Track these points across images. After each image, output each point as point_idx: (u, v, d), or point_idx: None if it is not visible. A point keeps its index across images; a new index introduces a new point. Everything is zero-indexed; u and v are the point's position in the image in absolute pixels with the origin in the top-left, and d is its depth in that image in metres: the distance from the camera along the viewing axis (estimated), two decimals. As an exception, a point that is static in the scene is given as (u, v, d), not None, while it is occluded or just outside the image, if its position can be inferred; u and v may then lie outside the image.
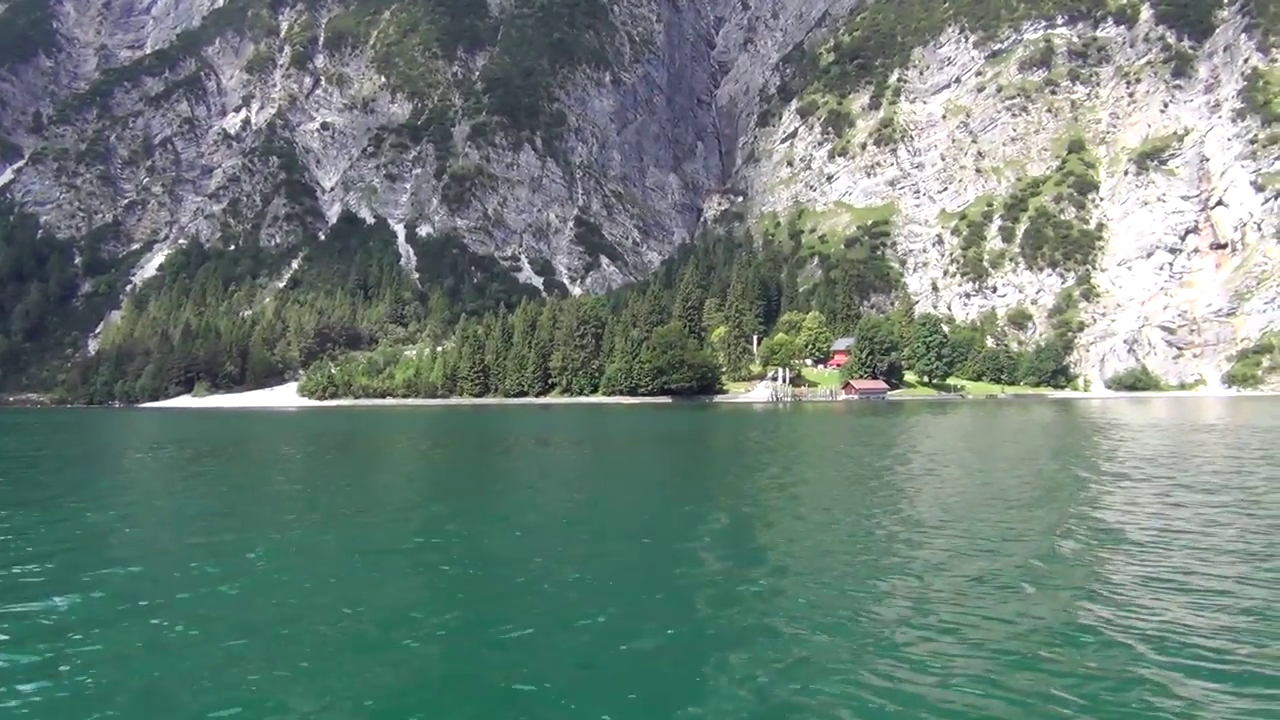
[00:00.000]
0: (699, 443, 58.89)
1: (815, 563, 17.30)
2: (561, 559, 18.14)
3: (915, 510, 23.52)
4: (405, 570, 17.30)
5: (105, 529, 22.43)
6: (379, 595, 15.12)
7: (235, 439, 67.80)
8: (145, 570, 17.05)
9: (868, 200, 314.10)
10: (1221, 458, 38.15)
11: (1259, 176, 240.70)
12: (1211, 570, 15.81)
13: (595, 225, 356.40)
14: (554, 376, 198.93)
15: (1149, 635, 12.11)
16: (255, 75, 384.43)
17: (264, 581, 16.10)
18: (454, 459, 47.69)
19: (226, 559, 17.91)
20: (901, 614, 13.26)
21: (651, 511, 25.64)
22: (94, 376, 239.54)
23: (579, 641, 12.47)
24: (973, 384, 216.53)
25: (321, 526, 22.53)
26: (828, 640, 12.09)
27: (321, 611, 13.92)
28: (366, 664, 11.58)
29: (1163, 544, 18.33)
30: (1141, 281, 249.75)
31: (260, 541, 20.11)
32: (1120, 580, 15.30)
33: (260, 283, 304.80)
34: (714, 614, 13.71)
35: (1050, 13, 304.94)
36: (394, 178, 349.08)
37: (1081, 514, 22.66)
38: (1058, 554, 17.56)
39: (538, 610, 13.88)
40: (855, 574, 15.98)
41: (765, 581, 15.57)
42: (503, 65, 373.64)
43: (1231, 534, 19.37)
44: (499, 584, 16.12)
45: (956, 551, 17.74)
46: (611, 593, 15.17)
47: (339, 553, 19.05)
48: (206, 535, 21.08)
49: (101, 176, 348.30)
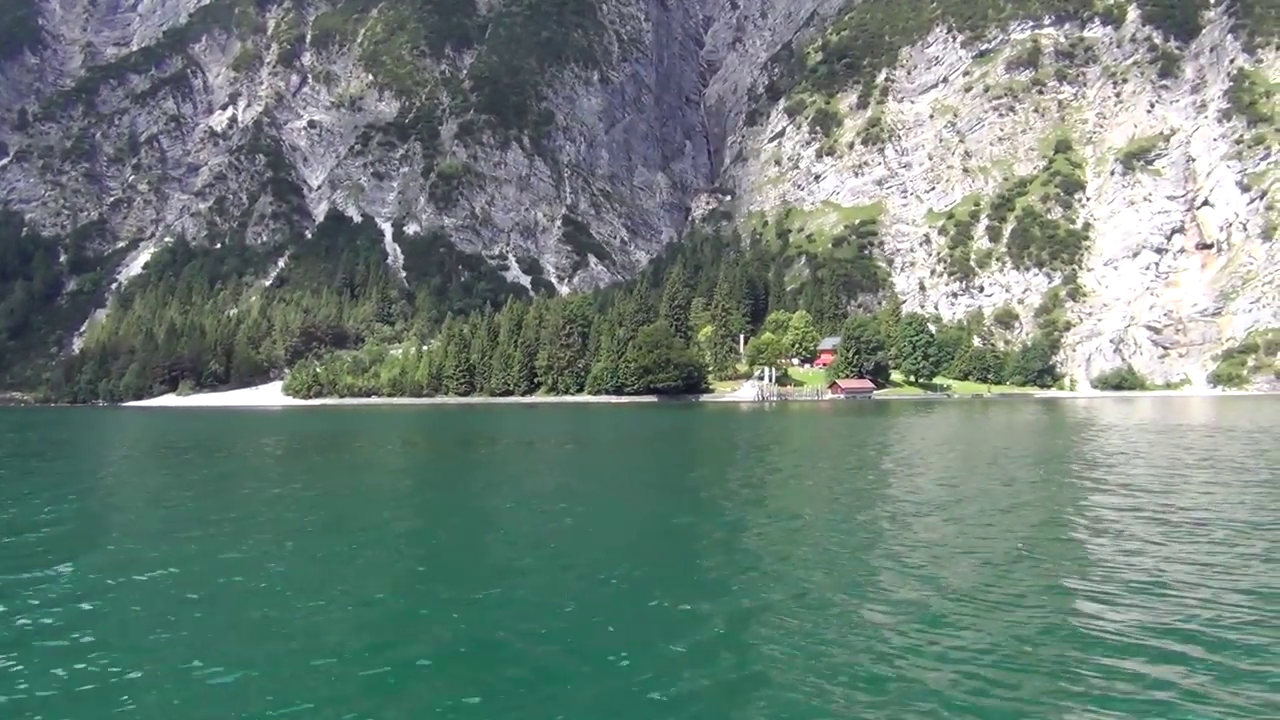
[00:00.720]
0: (673, 444, 58.52)
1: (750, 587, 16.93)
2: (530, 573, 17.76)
3: (858, 523, 22.95)
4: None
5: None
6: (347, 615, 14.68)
7: (200, 439, 67.18)
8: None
9: (855, 200, 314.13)
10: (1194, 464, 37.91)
11: (1245, 177, 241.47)
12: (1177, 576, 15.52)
13: (583, 224, 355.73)
14: (540, 375, 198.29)
15: (1116, 641, 11.95)
16: (242, 73, 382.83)
17: (210, 602, 15.62)
18: (428, 464, 47.20)
19: (162, 592, 17.36)
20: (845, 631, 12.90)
21: (618, 520, 25.26)
22: (78, 375, 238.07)
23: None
24: (959, 383, 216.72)
25: (272, 540, 21.97)
26: (779, 661, 11.74)
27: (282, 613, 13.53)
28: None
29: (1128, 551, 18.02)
30: (1128, 281, 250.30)
31: (185, 559, 19.58)
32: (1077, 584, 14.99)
33: (246, 281, 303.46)
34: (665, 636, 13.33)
35: (1037, 13, 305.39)
36: (381, 176, 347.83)
37: (1035, 526, 22.34)
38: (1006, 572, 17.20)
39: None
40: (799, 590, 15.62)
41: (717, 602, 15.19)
42: (490, 64, 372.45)
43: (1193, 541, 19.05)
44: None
45: (896, 567, 17.39)
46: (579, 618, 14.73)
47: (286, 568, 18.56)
48: (117, 561, 20.57)
49: (87, 174, 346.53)
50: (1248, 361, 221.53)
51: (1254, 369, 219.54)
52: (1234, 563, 16.46)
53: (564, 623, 13.20)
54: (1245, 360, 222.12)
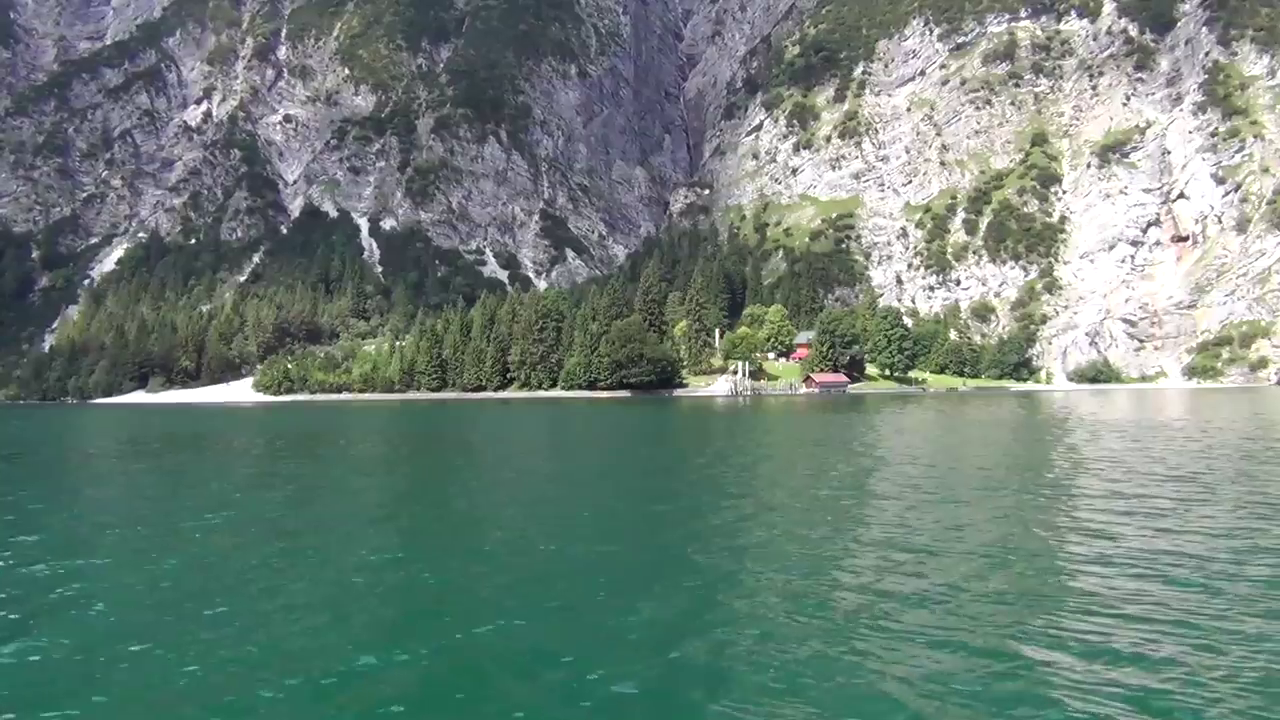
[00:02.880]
0: (616, 443, 57.23)
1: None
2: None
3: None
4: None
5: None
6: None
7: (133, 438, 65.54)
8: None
9: (832, 193, 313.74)
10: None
11: (1220, 169, 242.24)
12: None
13: (561, 218, 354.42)
14: (513, 371, 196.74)
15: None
16: (216, 67, 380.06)
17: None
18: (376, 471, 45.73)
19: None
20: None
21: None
22: (47, 373, 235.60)
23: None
24: (935, 377, 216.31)
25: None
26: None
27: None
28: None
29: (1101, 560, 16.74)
30: (1103, 274, 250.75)
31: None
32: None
33: (221, 277, 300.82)
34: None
35: (1014, 6, 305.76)
36: (357, 171, 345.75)
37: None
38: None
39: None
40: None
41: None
42: (468, 57, 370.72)
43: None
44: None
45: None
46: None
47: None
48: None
49: (59, 169, 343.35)
50: (1222, 354, 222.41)
51: (1228, 361, 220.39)
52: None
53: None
54: (1220, 353, 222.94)
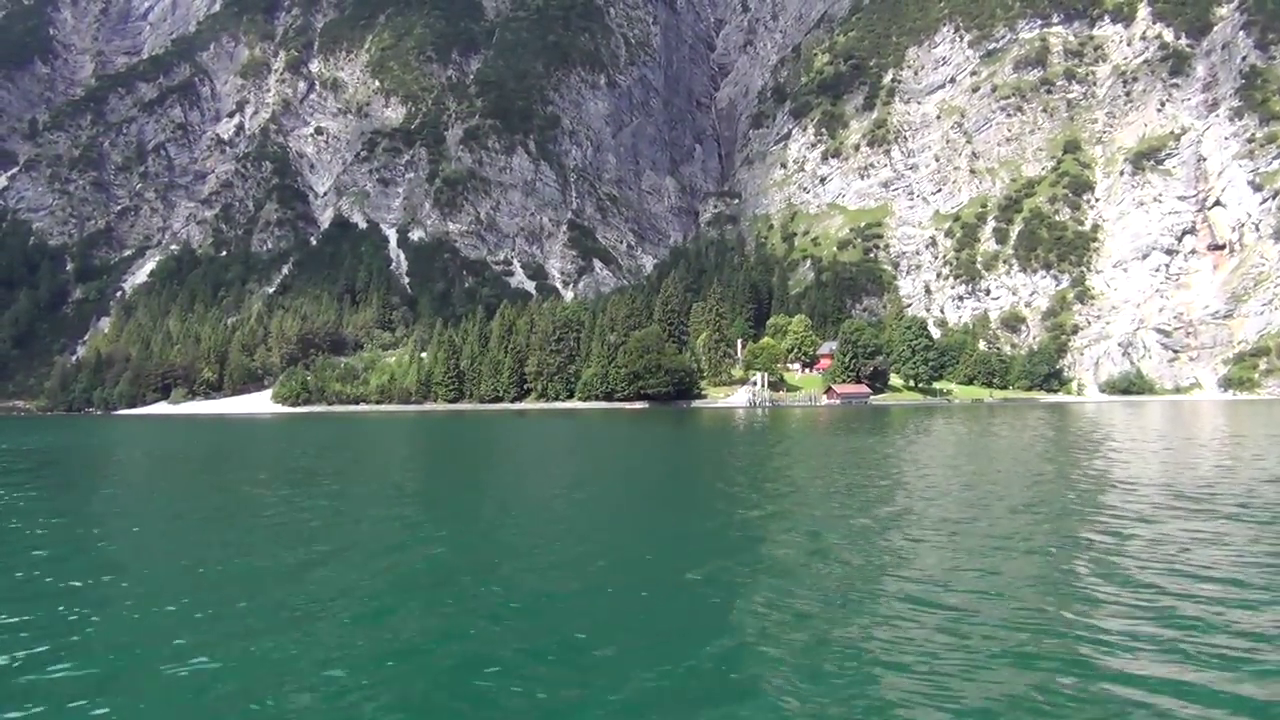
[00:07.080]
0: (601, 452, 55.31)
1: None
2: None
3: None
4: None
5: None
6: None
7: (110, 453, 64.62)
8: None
9: (861, 202, 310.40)
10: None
11: (1257, 176, 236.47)
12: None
13: (589, 229, 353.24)
14: (530, 381, 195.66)
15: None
16: (249, 80, 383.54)
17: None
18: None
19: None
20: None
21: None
22: (73, 384, 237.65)
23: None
24: (962, 388, 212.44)
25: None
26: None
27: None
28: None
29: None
30: (1137, 283, 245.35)
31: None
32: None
33: (250, 289, 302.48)
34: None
35: (1046, 11, 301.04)
36: (386, 182, 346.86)
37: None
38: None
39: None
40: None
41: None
42: (497, 68, 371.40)
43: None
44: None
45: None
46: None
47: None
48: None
49: (94, 183, 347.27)
50: (1259, 365, 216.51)
51: (1266, 372, 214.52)
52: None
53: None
54: (1257, 363, 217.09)
